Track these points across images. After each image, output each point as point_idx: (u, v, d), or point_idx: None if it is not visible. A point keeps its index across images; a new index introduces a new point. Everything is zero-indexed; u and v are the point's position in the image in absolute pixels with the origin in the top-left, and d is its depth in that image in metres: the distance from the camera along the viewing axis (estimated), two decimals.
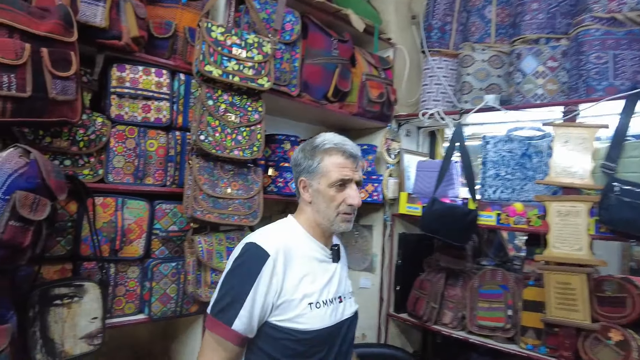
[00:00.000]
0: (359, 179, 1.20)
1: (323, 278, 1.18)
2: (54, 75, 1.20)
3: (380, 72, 2.26)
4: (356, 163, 1.20)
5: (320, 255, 1.21)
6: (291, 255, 1.14)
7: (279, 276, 1.09)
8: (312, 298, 1.13)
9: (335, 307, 1.18)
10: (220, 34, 1.57)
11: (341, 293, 1.23)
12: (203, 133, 1.55)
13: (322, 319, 1.13)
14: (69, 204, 1.38)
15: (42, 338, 1.25)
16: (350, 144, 1.21)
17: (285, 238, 1.17)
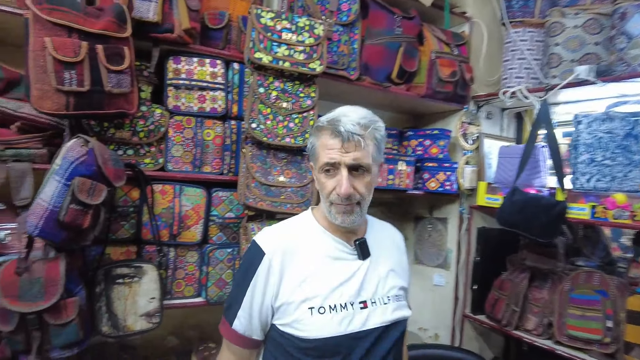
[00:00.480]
0: (351, 162, 0.97)
1: (336, 278, 1.02)
2: (108, 70, 1.28)
3: (452, 49, 2.05)
4: (350, 143, 0.97)
5: (336, 251, 1.05)
6: (293, 253, 1.03)
7: (276, 277, 1.01)
8: (313, 302, 0.99)
9: (351, 313, 1.00)
10: (270, 20, 1.55)
11: (368, 297, 1.03)
12: (255, 121, 1.55)
13: (326, 326, 0.98)
14: (131, 191, 1.48)
15: (107, 312, 1.37)
16: (348, 120, 0.98)
17: (291, 235, 1.08)
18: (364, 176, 1.00)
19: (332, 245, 1.06)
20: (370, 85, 1.89)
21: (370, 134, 0.99)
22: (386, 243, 1.15)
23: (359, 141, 0.97)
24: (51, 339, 1.19)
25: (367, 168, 1.00)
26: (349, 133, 0.97)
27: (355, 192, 1.00)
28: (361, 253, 1.07)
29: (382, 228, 1.19)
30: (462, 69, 2.03)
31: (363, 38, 1.90)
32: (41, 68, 1.18)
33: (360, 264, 1.06)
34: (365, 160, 0.98)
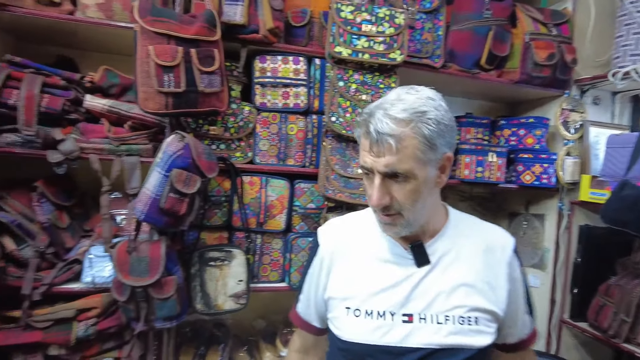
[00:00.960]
0: (383, 169, 0.81)
1: (380, 282, 0.92)
2: (201, 71, 1.41)
3: (550, 29, 1.87)
4: (381, 146, 0.81)
5: (388, 253, 0.94)
6: (345, 249, 0.98)
7: (326, 270, 0.99)
8: (351, 302, 0.93)
9: (388, 324, 0.88)
10: (350, 13, 1.56)
11: (417, 310, 0.88)
12: (334, 115, 1.58)
13: (358, 331, 0.90)
14: (223, 182, 1.61)
15: (201, 291, 1.52)
16: (383, 114, 0.81)
17: (349, 229, 1.02)
18: (405, 183, 0.83)
19: (386, 246, 0.95)
20: (457, 72, 1.81)
21: (414, 130, 0.81)
22: (469, 251, 0.93)
23: (391, 144, 0.80)
24: (155, 311, 1.36)
25: (407, 174, 0.82)
26: (379, 134, 0.81)
27: (393, 202, 0.85)
28: (416, 258, 0.92)
29: (473, 231, 0.96)
30: (562, 51, 1.84)
31: (448, 24, 1.82)
32: (146, 73, 1.34)
33: (414, 270, 0.91)
34: (403, 166, 0.81)
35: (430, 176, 0.85)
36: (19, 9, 1.39)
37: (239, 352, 1.73)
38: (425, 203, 0.87)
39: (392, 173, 0.82)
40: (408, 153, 0.81)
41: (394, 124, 0.80)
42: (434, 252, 0.92)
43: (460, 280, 0.90)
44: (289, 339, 1.71)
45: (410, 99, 0.83)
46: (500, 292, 0.91)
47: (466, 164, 1.82)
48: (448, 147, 0.86)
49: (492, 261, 0.93)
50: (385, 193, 0.84)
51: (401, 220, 0.87)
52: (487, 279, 0.91)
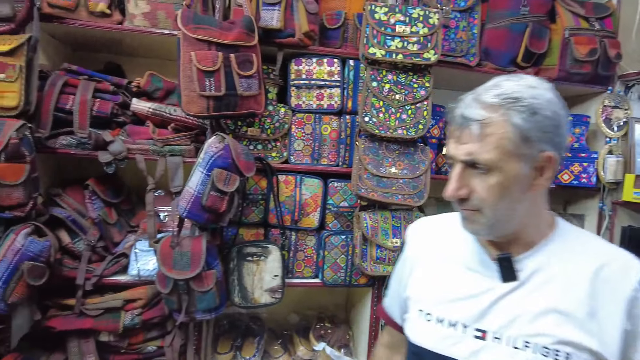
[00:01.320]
0: (463, 157, 0.74)
1: (458, 290, 0.85)
2: (240, 75, 1.47)
3: (592, 24, 1.81)
4: (464, 131, 0.75)
5: (473, 261, 0.85)
6: (430, 249, 0.93)
7: (409, 268, 0.96)
8: (425, 305, 0.88)
9: (458, 335, 0.81)
10: (384, 14, 1.58)
11: (493, 328, 0.79)
12: (367, 115, 1.61)
13: (426, 335, 0.86)
14: (260, 181, 1.67)
15: (238, 285, 1.58)
16: (474, 97, 0.75)
17: (438, 230, 0.96)
18: (487, 176, 0.74)
19: (472, 253, 0.87)
20: (492, 70, 1.80)
21: (504, 117, 0.72)
22: (572, 272, 0.77)
23: (474, 129, 0.73)
24: (196, 303, 1.44)
25: (489, 165, 0.73)
26: (463, 118, 0.75)
27: (473, 196, 0.76)
28: (502, 272, 0.81)
29: (585, 250, 0.80)
30: (605, 45, 1.78)
31: (483, 22, 1.80)
32: (188, 77, 1.42)
33: (498, 284, 0.81)
34: (484, 155, 0.72)
35: (522, 174, 0.74)
36: (76, 21, 1.50)
37: (273, 345, 1.80)
38: (515, 205, 0.76)
39: (472, 162, 0.74)
40: (492, 141, 0.72)
41: (481, 108, 0.73)
42: (525, 267, 0.80)
43: (552, 305, 0.76)
44: (322, 334, 1.77)
45: (508, 85, 0.74)
46: (610, 330, 0.73)
47: None
48: (550, 145, 0.74)
49: (605, 290, 0.75)
50: (464, 185, 0.76)
51: (480, 219, 0.77)
52: (592, 311, 0.74)
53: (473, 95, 0.76)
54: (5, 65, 1.35)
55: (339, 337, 1.78)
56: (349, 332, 1.86)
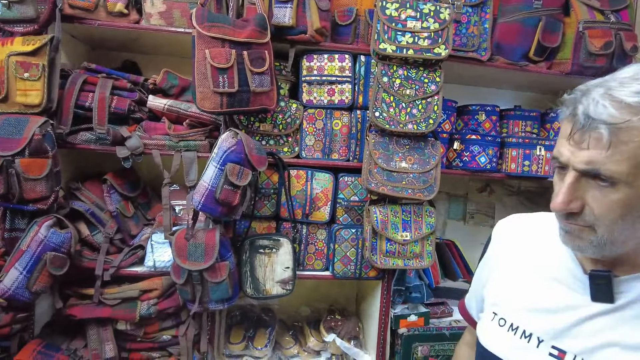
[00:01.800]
0: (582, 166, 0.63)
1: (541, 300, 0.77)
2: (252, 72, 1.50)
3: (607, 16, 1.79)
4: (587, 134, 0.62)
5: (562, 272, 0.77)
6: (515, 251, 0.87)
7: (490, 267, 0.91)
8: (501, 309, 0.83)
9: (531, 348, 0.76)
10: (395, 10, 1.59)
11: (574, 350, 0.71)
12: (378, 110, 1.62)
13: (498, 342, 0.81)
14: (272, 175, 1.70)
15: (250, 276, 1.62)
16: (603, 93, 0.61)
17: (527, 231, 0.88)
18: (610, 191, 0.62)
19: (562, 262, 0.78)
20: (504, 65, 1.79)
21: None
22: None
23: (603, 134, 0.60)
24: (209, 293, 1.48)
25: (617, 179, 0.61)
26: (589, 119, 0.61)
27: (586, 210, 0.65)
28: (593, 289, 0.72)
29: None
30: (621, 38, 1.76)
31: (495, 17, 1.80)
32: (203, 75, 1.45)
33: (586, 303, 0.72)
34: (613, 167, 0.60)
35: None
36: (95, 21, 1.55)
37: (284, 336, 1.83)
38: (636, 226, 0.64)
39: (594, 173, 0.62)
40: (626, 151, 0.59)
41: (615, 108, 0.60)
42: (627, 290, 0.69)
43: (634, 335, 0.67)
44: (332, 326, 1.80)
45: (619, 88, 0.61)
46: None
47: (512, 158, 1.79)
48: None
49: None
50: (577, 197, 0.65)
51: (590, 236, 0.66)
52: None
53: (603, 88, 0.62)
54: (29, 64, 1.41)
55: (349, 329, 1.81)
56: (359, 324, 1.89)
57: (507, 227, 0.93)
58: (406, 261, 1.65)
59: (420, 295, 1.82)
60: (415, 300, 1.82)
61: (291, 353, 1.79)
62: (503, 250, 0.90)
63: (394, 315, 1.75)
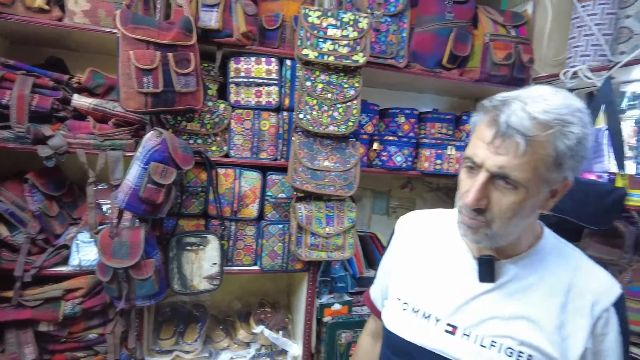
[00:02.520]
0: (495, 169, 0.72)
1: (438, 285, 0.88)
2: (177, 73, 1.54)
3: (508, 31, 1.99)
4: (505, 141, 0.71)
5: (457, 258, 0.89)
6: (416, 242, 0.97)
7: (394, 258, 1.02)
8: (404, 294, 0.92)
9: (431, 327, 0.86)
10: (317, 18, 1.69)
11: (464, 325, 0.83)
12: (302, 112, 1.72)
13: (402, 324, 0.90)
14: (200, 174, 1.74)
15: (178, 273, 1.66)
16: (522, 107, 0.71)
17: (427, 224, 0.99)
18: (511, 193, 0.73)
19: (456, 251, 0.90)
20: (420, 72, 1.94)
21: (551, 138, 0.70)
22: (548, 285, 0.81)
23: (518, 143, 0.69)
24: (135, 290, 1.51)
25: (518, 184, 0.72)
26: (509, 128, 0.70)
27: (488, 209, 0.76)
28: (480, 272, 0.84)
29: (565, 265, 0.82)
30: (519, 51, 1.97)
31: (412, 26, 1.95)
32: (127, 75, 1.48)
33: (475, 284, 0.84)
34: (519, 174, 0.71)
35: (541, 196, 0.75)
36: (12, 15, 1.52)
37: (215, 330, 1.89)
38: (521, 223, 0.77)
39: (502, 175, 0.72)
40: (533, 161, 0.70)
41: (531, 122, 0.69)
42: (505, 273, 0.83)
43: (523, 313, 0.79)
44: (262, 318, 1.87)
45: (556, 102, 0.71)
46: (572, 344, 0.77)
47: (426, 157, 1.96)
48: (572, 173, 0.75)
49: (575, 307, 0.78)
50: (485, 196, 0.75)
51: (486, 230, 0.77)
52: (560, 323, 0.77)
53: (519, 102, 0.72)
54: None
55: (278, 320, 1.89)
56: (288, 315, 1.98)
57: (409, 222, 1.05)
58: (329, 253, 1.76)
59: (345, 285, 1.94)
60: (340, 290, 1.94)
61: (221, 346, 1.85)
62: (405, 242, 1.02)
63: (320, 304, 1.86)
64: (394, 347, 0.93)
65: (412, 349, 0.87)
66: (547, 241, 0.86)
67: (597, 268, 0.84)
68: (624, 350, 0.78)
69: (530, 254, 0.83)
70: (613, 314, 0.77)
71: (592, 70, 1.82)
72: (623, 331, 0.78)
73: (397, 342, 0.91)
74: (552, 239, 0.87)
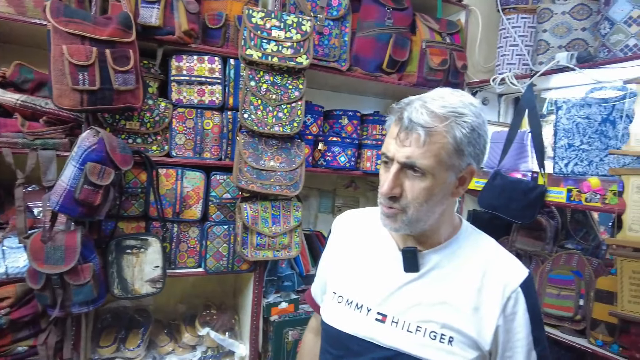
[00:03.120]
0: (403, 159, 0.81)
1: (369, 277, 0.95)
2: (116, 70, 1.49)
3: (444, 38, 2.12)
4: (409, 135, 0.81)
5: (384, 251, 0.96)
6: (351, 237, 1.04)
7: (331, 255, 1.08)
8: (339, 288, 0.99)
9: (362, 317, 0.92)
10: (260, 19, 1.70)
11: (392, 313, 0.90)
12: (246, 112, 1.72)
13: (336, 316, 0.96)
14: (140, 174, 1.69)
15: (118, 277, 1.61)
16: (420, 105, 0.81)
17: (360, 221, 1.07)
18: (420, 180, 0.82)
19: (382, 244, 0.98)
20: (362, 75, 2.01)
21: (448, 128, 0.80)
22: (466, 271, 0.89)
23: (420, 135, 0.79)
24: (72, 297, 1.44)
25: (424, 171, 0.81)
26: (411, 122, 0.80)
27: (402, 196, 0.84)
28: (405, 263, 0.92)
29: (480, 253, 0.91)
30: (454, 57, 2.10)
31: (354, 31, 2.01)
32: (60, 71, 1.40)
33: (401, 274, 0.92)
34: (424, 161, 0.80)
35: (448, 182, 0.84)
36: None
37: (159, 334, 1.84)
38: (435, 209, 0.85)
39: (410, 165, 0.81)
40: (434, 150, 0.80)
41: (429, 116, 0.79)
42: (427, 262, 0.91)
43: (444, 298, 0.87)
44: (207, 320, 1.85)
45: (452, 100, 0.83)
46: (486, 323, 0.85)
47: (368, 157, 2.04)
48: (474, 159, 0.85)
49: (488, 290, 0.86)
50: (398, 185, 0.84)
51: (402, 217, 0.86)
52: (477, 305, 0.86)
53: (421, 101, 0.82)
54: None
55: (224, 322, 1.88)
56: (235, 316, 1.97)
57: (344, 221, 1.12)
58: (275, 252, 1.78)
59: (291, 283, 1.96)
60: (287, 289, 1.96)
61: (166, 350, 1.80)
62: (340, 240, 1.08)
63: (266, 304, 1.87)
64: (331, 339, 0.98)
65: (346, 339, 0.93)
66: (464, 232, 0.94)
67: (508, 255, 0.93)
68: (533, 328, 0.86)
69: (449, 244, 0.92)
70: (521, 294, 0.86)
71: (517, 78, 1.98)
72: (531, 310, 0.86)
73: (333, 334, 0.96)
74: (469, 230, 0.96)
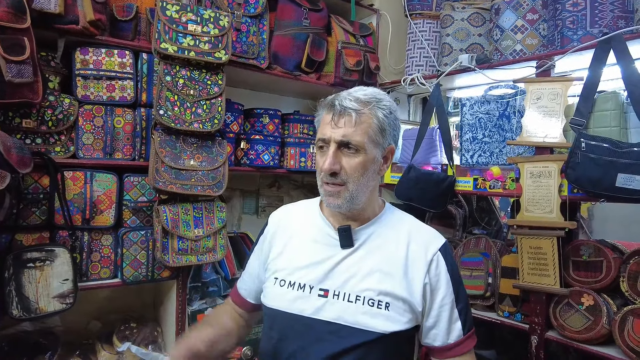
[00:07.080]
0: (340, 138, 0.95)
1: (307, 259, 1.04)
2: (7, 60, 1.32)
3: (358, 40, 2.22)
4: (342, 118, 0.95)
5: (319, 234, 1.06)
6: (286, 228, 1.13)
7: (267, 246, 1.14)
8: (280, 273, 1.06)
9: (306, 296, 1.00)
10: (175, 12, 1.63)
11: (333, 287, 0.99)
12: (162, 108, 1.63)
13: (279, 298, 1.03)
14: (42, 178, 1.51)
15: (17, 296, 1.41)
16: (347, 94, 0.99)
17: (294, 212, 1.17)
18: (355, 156, 0.96)
19: (319, 228, 1.07)
20: (281, 74, 2.01)
21: (371, 111, 0.96)
22: (393, 241, 1.03)
23: (351, 116, 0.94)
24: None
25: (358, 147, 0.96)
26: (342, 107, 0.95)
27: (342, 171, 0.96)
28: (341, 240, 1.03)
29: (403, 226, 1.06)
30: (367, 59, 2.20)
31: (272, 29, 2.01)
32: None
33: (338, 251, 1.03)
34: (357, 138, 0.95)
35: (377, 159, 1.00)
36: None
37: (70, 357, 1.65)
38: (369, 183, 1.00)
39: (346, 142, 0.95)
40: (363, 128, 0.96)
41: (356, 102, 0.96)
42: (360, 237, 1.03)
43: (377, 267, 0.99)
44: (127, 335, 1.72)
45: (370, 90, 1.02)
46: (415, 284, 0.98)
47: (291, 155, 2.05)
48: (393, 140, 1.03)
49: (414, 255, 1.00)
50: (337, 162, 0.96)
51: (345, 193, 0.97)
52: (405, 270, 0.99)
53: (346, 92, 1.01)
54: None
55: (145, 334, 1.75)
56: (157, 328, 1.84)
57: (279, 213, 1.22)
58: (199, 256, 1.71)
59: (217, 288, 1.89)
60: (213, 294, 1.89)
61: None
62: (277, 230, 1.16)
63: (191, 311, 1.78)
64: (273, 322, 1.05)
65: (291, 319, 1.00)
66: (388, 210, 1.11)
67: (426, 227, 1.10)
68: (454, 287, 1.02)
69: (377, 220, 1.06)
70: (441, 257, 1.02)
71: (425, 78, 2.14)
72: (450, 270, 1.02)
73: (276, 316, 1.03)
74: (392, 209, 1.13)
